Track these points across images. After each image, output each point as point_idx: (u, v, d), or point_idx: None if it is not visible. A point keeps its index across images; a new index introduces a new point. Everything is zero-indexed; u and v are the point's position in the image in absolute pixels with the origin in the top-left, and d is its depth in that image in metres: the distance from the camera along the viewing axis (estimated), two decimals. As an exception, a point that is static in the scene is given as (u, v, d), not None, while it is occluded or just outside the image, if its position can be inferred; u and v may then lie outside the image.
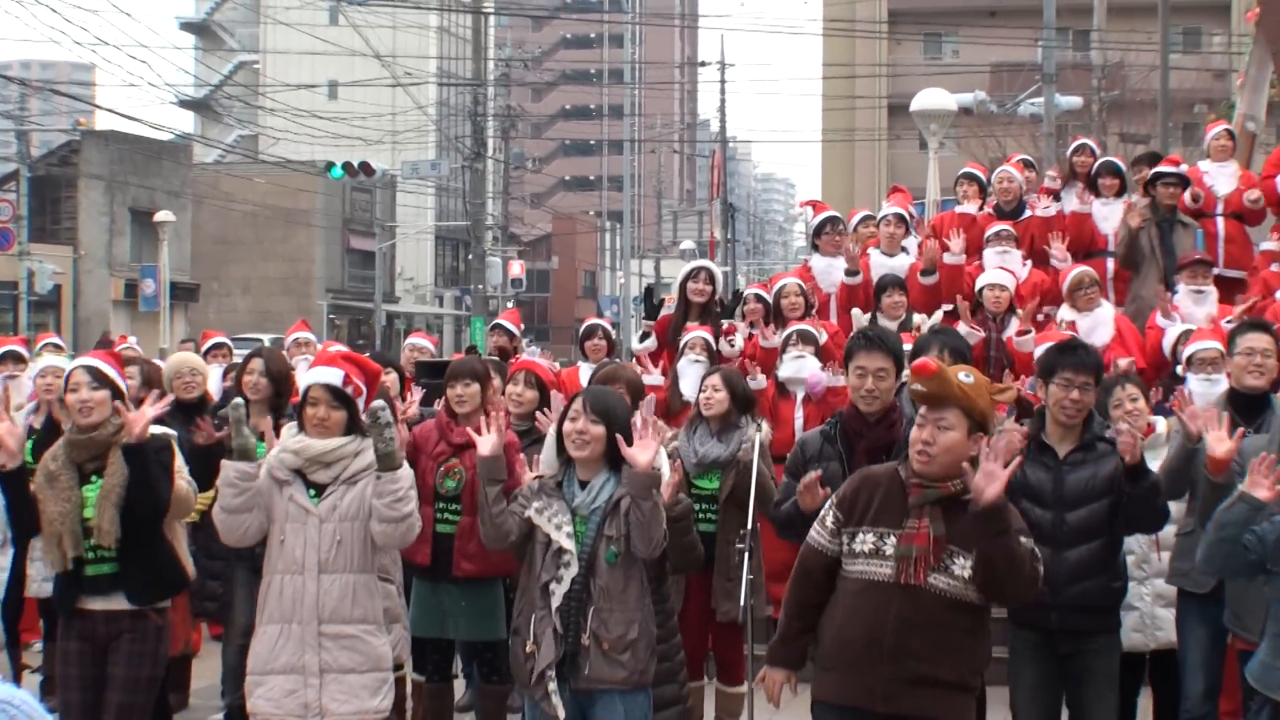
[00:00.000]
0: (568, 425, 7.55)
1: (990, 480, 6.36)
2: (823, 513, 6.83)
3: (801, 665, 6.94)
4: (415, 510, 7.77)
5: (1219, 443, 7.89)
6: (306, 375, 8.08)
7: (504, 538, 7.52)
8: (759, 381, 12.32)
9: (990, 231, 14.47)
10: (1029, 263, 14.39)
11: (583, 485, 7.52)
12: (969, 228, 14.86)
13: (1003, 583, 6.57)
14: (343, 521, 7.65)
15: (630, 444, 7.44)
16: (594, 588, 7.39)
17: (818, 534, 6.78)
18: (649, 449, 7.35)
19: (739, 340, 13.27)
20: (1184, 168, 15.09)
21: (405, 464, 7.87)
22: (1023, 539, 6.52)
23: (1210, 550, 7.16)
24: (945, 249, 14.48)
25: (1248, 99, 17.45)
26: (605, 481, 7.51)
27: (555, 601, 7.38)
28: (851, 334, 9.08)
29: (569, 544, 7.38)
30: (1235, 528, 6.97)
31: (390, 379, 10.80)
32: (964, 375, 6.64)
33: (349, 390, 7.80)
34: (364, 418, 7.72)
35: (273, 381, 10.27)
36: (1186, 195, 14.69)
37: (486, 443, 7.65)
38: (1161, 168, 14.88)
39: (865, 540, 6.59)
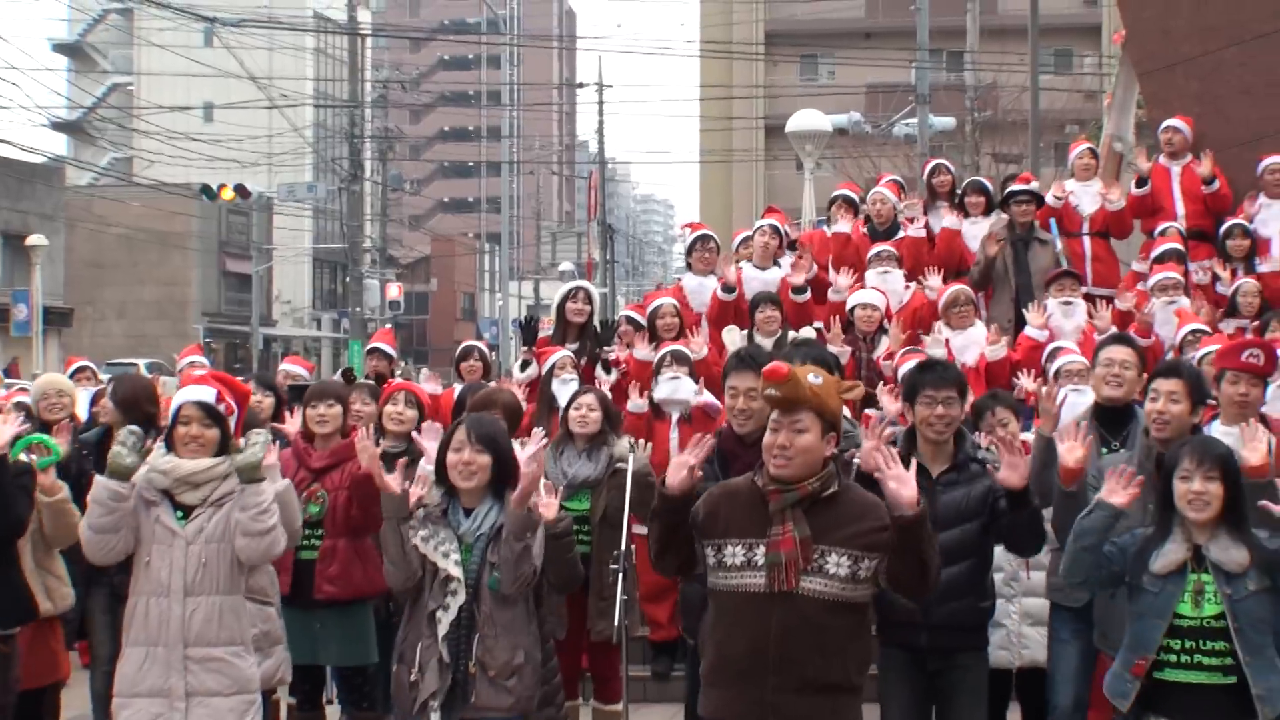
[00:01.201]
0: (453, 456, 7.49)
1: (903, 485, 6.44)
2: None
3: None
4: (279, 524, 7.71)
5: (1070, 452, 7.95)
6: (178, 394, 8.00)
7: (414, 576, 7.47)
8: (640, 404, 12.30)
9: (872, 252, 14.57)
10: (912, 284, 14.48)
11: (467, 513, 7.49)
12: (844, 247, 14.95)
13: (909, 588, 6.67)
14: (209, 544, 7.58)
15: (511, 471, 7.44)
16: (479, 615, 7.35)
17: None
18: (526, 490, 7.34)
19: (614, 373, 13.26)
20: (1035, 185, 15.25)
21: (276, 479, 7.82)
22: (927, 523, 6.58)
23: (1072, 560, 7.24)
24: (816, 266, 14.62)
25: (1115, 120, 17.64)
26: (490, 509, 7.48)
27: (442, 630, 7.34)
28: (730, 356, 9.10)
29: (456, 572, 7.34)
30: (1094, 535, 7.05)
31: (268, 402, 10.73)
32: (813, 377, 6.65)
33: (221, 408, 7.73)
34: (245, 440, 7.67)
35: (120, 407, 10.14)
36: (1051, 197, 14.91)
37: (393, 480, 7.58)
38: (1014, 186, 15.08)
39: (735, 553, 6.57)
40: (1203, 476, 6.93)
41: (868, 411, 9.56)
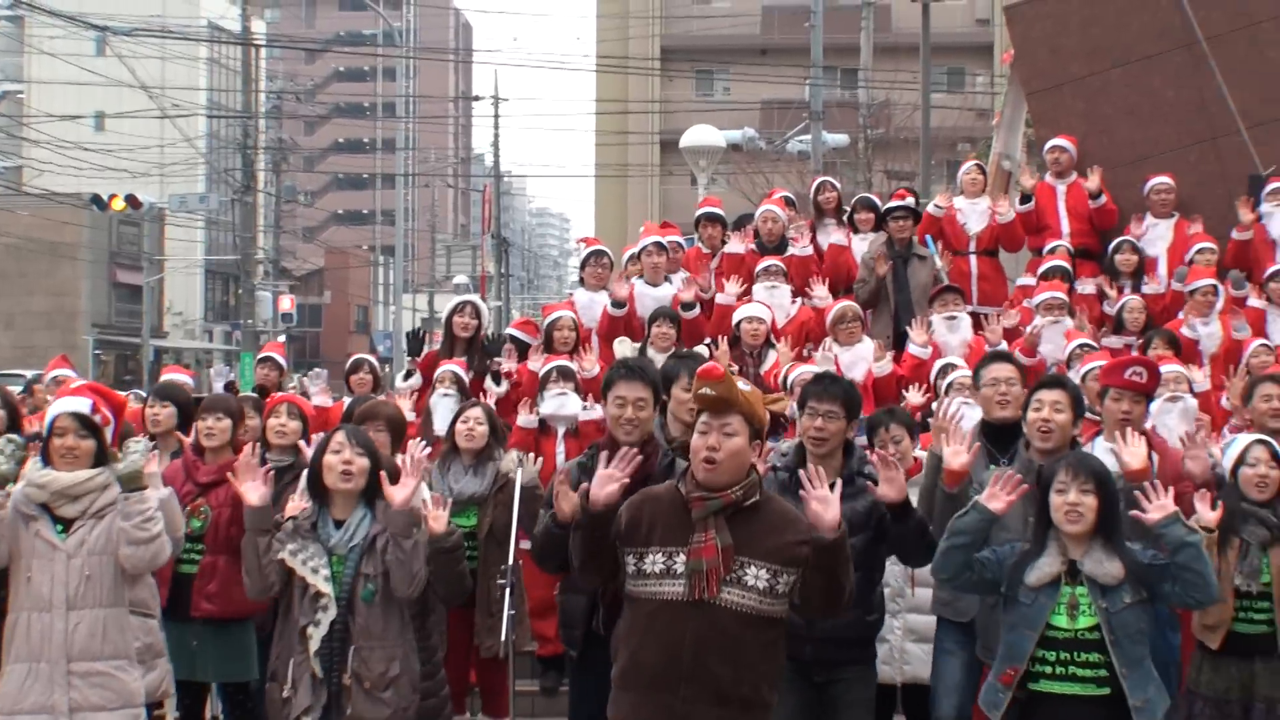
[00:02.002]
0: (331, 457, 7.48)
1: (826, 507, 6.47)
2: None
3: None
4: (164, 531, 7.66)
5: (955, 456, 8.06)
6: (53, 406, 7.94)
7: (270, 588, 7.45)
8: (530, 420, 12.29)
9: (760, 267, 14.59)
10: (799, 299, 14.53)
11: (338, 524, 7.47)
12: (738, 266, 14.99)
13: (819, 608, 6.71)
14: (91, 556, 7.53)
15: (393, 482, 7.42)
16: (354, 627, 7.35)
17: None
18: (408, 486, 7.33)
19: (504, 385, 13.25)
20: (911, 202, 15.37)
21: (158, 486, 7.77)
22: (846, 546, 6.61)
23: (943, 557, 7.35)
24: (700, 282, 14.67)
25: (1004, 138, 17.83)
26: (361, 519, 7.48)
27: (314, 645, 7.33)
28: (612, 365, 9.12)
29: (326, 587, 7.33)
30: (967, 535, 7.14)
31: (165, 413, 10.65)
32: (742, 384, 6.70)
33: (97, 419, 7.67)
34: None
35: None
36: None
37: (254, 492, 7.54)
38: (892, 202, 15.20)
39: (655, 561, 6.58)
40: (1078, 489, 7.04)
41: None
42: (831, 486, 7.98)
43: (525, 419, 12.08)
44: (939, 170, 35.50)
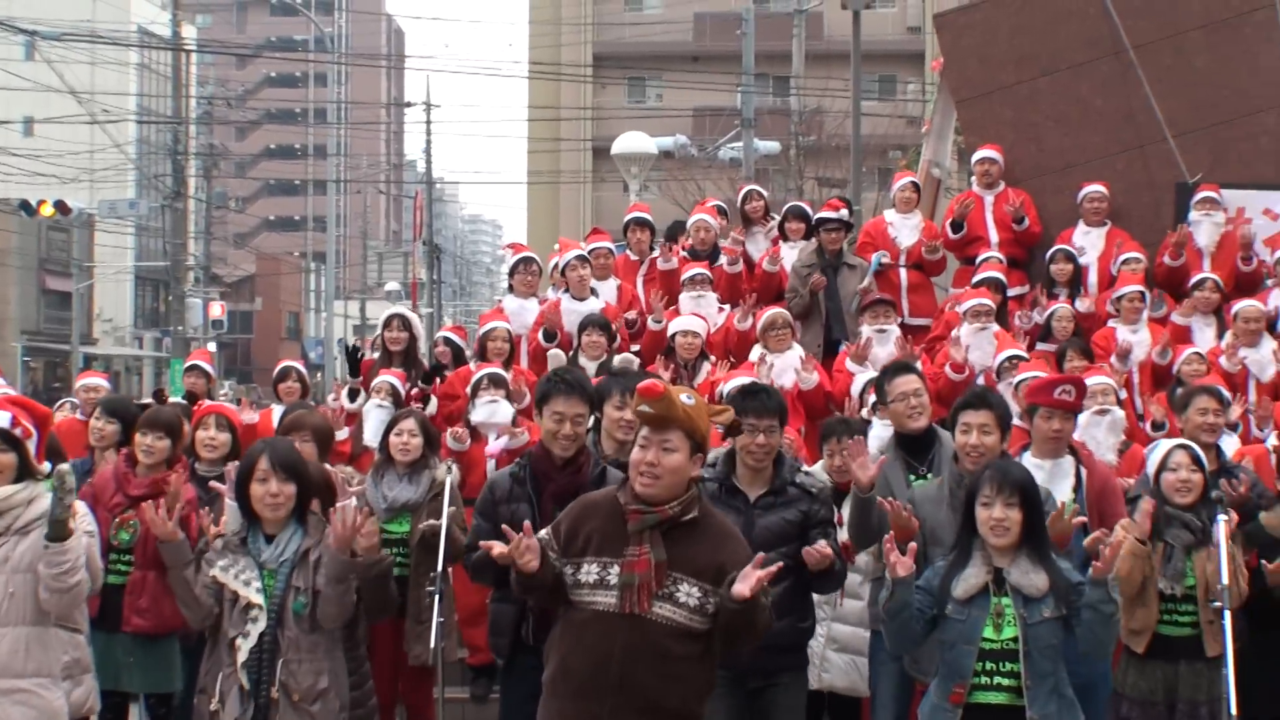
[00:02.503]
0: (258, 488, 7.44)
1: (747, 583, 6.41)
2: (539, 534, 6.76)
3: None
4: (84, 577, 7.59)
5: (862, 469, 8.15)
6: (-31, 422, 7.85)
7: (211, 612, 7.41)
8: (460, 444, 12.22)
9: (685, 276, 14.59)
10: (726, 307, 14.53)
11: (269, 539, 7.44)
12: (668, 279, 14.98)
13: (735, 645, 6.71)
14: (15, 573, 7.46)
15: (314, 496, 7.41)
16: (283, 640, 7.32)
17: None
18: (347, 534, 7.29)
19: (432, 402, 13.22)
20: (844, 213, 15.40)
21: (78, 531, 7.67)
22: (762, 599, 6.58)
23: (893, 639, 7.35)
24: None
25: (933, 146, 17.87)
26: (292, 534, 7.45)
27: (241, 657, 7.29)
28: (544, 377, 9.11)
29: (258, 599, 7.30)
30: (898, 606, 7.12)
31: (110, 429, 10.58)
32: (685, 397, 6.69)
33: (17, 432, 7.59)
34: (52, 480, 7.51)
35: None
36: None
37: (161, 527, 7.48)
38: (824, 213, 15.21)
39: (590, 571, 6.59)
40: (1003, 503, 7.06)
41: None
42: (761, 498, 8.09)
43: (455, 444, 11.95)
44: (870, 178, 35.63)
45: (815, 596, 9.08)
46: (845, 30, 27.96)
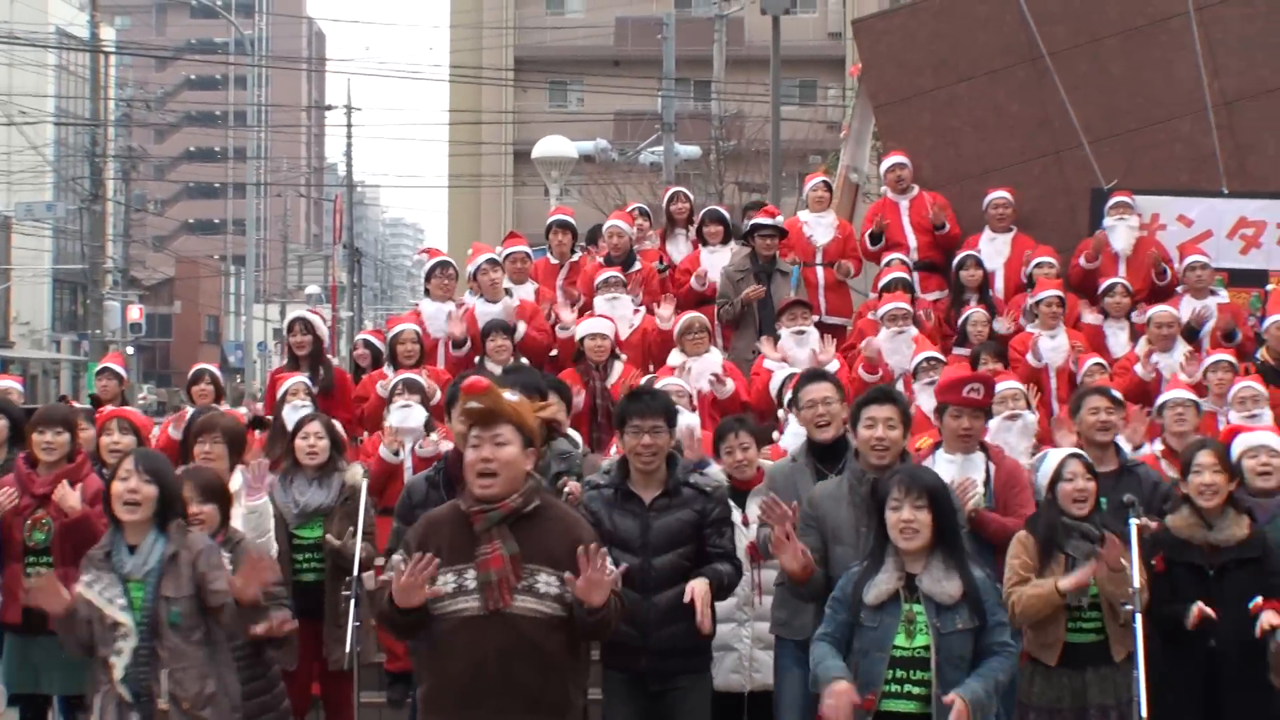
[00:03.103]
0: (117, 485, 7.39)
1: (593, 589, 6.48)
2: (394, 559, 6.81)
3: None
4: None
5: (793, 560, 7.96)
6: None
7: (89, 636, 7.36)
8: (391, 456, 12.13)
9: (600, 279, 14.58)
10: (641, 311, 14.52)
11: (132, 549, 7.39)
12: (589, 282, 14.98)
13: (591, 637, 6.82)
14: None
15: (178, 511, 7.39)
16: (162, 651, 7.28)
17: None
18: (255, 583, 7.27)
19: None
20: (780, 219, 15.45)
21: None
22: (612, 601, 6.65)
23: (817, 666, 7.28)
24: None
25: (851, 151, 17.95)
26: (155, 542, 7.39)
27: (117, 674, 7.26)
28: (453, 382, 9.10)
29: (123, 616, 7.26)
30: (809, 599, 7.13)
31: (1, 424, 10.51)
32: (509, 394, 6.76)
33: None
34: None
35: None
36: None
37: (73, 500, 7.44)
38: (758, 219, 15.22)
39: (446, 581, 6.61)
40: (911, 505, 7.08)
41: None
42: (656, 500, 8.10)
43: (388, 455, 11.83)
44: (790, 183, 35.71)
45: (731, 601, 9.14)
46: (766, 35, 28.04)
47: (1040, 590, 8.30)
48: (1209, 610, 8.43)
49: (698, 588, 7.98)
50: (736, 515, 9.09)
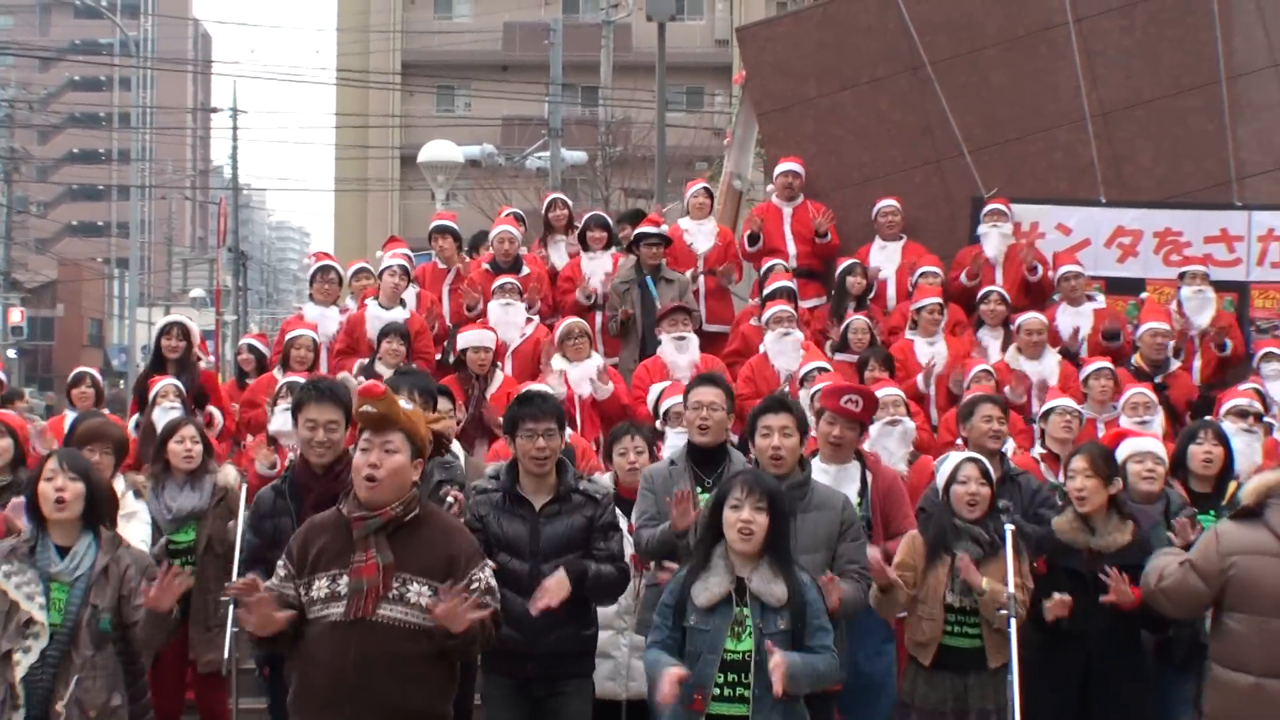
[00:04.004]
0: (45, 485, 7.36)
1: (452, 619, 6.49)
2: (276, 566, 6.82)
3: None
4: None
5: (683, 516, 8.11)
6: None
7: None
8: (269, 469, 12.06)
9: (495, 285, 14.57)
10: (534, 320, 14.52)
11: (61, 551, 7.34)
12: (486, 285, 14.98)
13: (459, 655, 6.81)
14: None
15: (105, 512, 7.35)
16: (78, 657, 7.24)
17: (273, 581, 6.78)
18: (170, 596, 7.22)
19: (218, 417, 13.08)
20: (665, 227, 15.51)
21: None
22: (488, 599, 6.68)
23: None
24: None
25: (735, 158, 18.04)
26: (88, 546, 7.37)
27: (20, 672, 7.20)
28: (302, 386, 9.08)
29: (40, 615, 7.21)
30: (660, 546, 7.15)
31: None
32: (404, 402, 6.81)
33: None
34: None
35: None
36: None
37: None
38: (644, 228, 15.27)
39: (321, 586, 6.62)
40: (752, 506, 7.13)
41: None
42: (546, 506, 8.10)
43: (264, 469, 11.73)
44: (676, 189, 35.78)
45: (616, 607, 9.17)
46: (653, 42, 28.10)
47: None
48: (1065, 598, 8.54)
49: (550, 578, 7.98)
50: (624, 522, 9.14)
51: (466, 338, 13.44)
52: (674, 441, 10.60)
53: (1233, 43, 15.91)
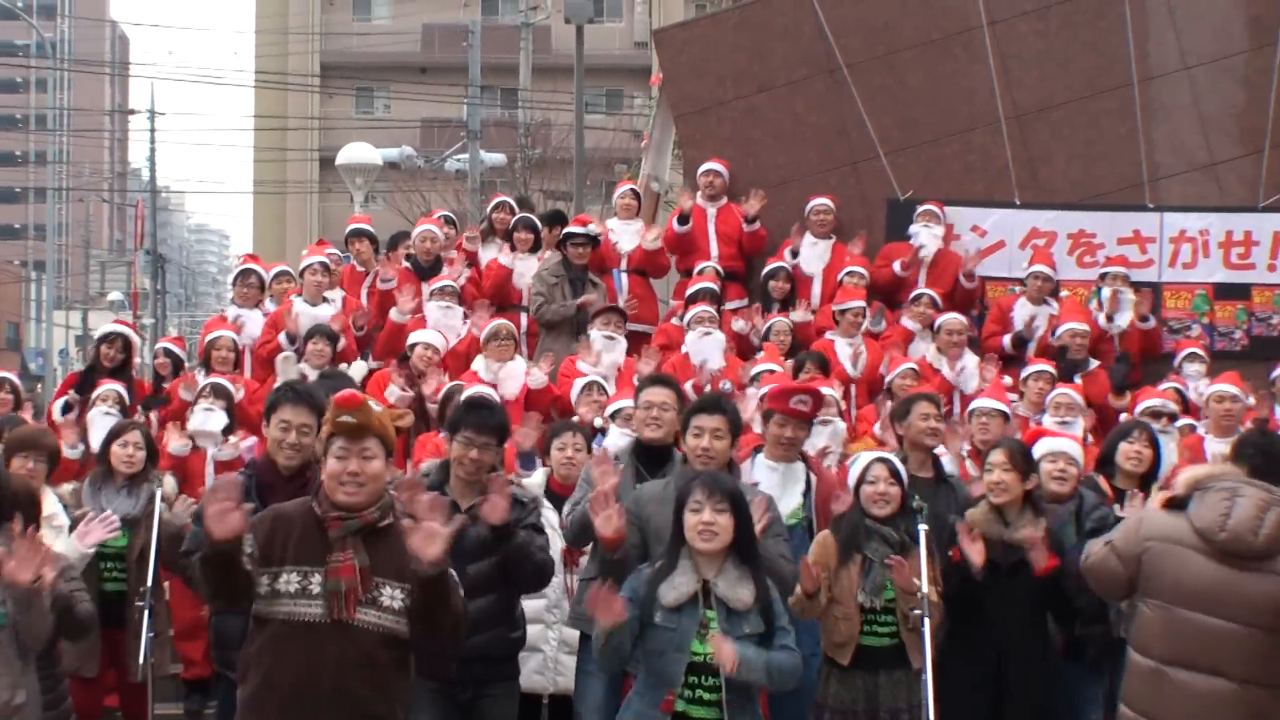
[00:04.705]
0: None
1: (429, 541, 6.44)
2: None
3: None
4: None
5: (607, 523, 8.07)
6: None
7: None
8: (181, 447, 12.07)
9: (435, 286, 14.60)
10: (469, 321, 14.52)
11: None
12: (386, 298, 14.97)
13: (427, 632, 6.71)
14: None
15: (12, 507, 7.32)
16: (-30, 651, 7.20)
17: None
18: (28, 566, 7.16)
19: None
20: (593, 227, 15.57)
21: None
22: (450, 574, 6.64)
23: (604, 663, 7.34)
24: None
25: (652, 160, 18.06)
26: None
27: None
28: (274, 389, 9.09)
29: None
30: (614, 648, 7.13)
31: None
32: (373, 404, 6.80)
33: None
34: None
35: None
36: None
37: None
38: (572, 228, 15.34)
39: (290, 580, 6.54)
40: (712, 508, 7.13)
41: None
42: (473, 508, 8.11)
43: (176, 446, 11.82)
44: (594, 191, 35.87)
45: (545, 601, 9.21)
46: (572, 44, 28.12)
47: None
48: (979, 544, 8.69)
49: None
50: (555, 518, 9.22)
51: (420, 334, 13.57)
52: (615, 440, 10.65)
53: (1145, 46, 16.07)
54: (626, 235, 15.82)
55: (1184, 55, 16.06)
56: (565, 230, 15.52)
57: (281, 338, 13.97)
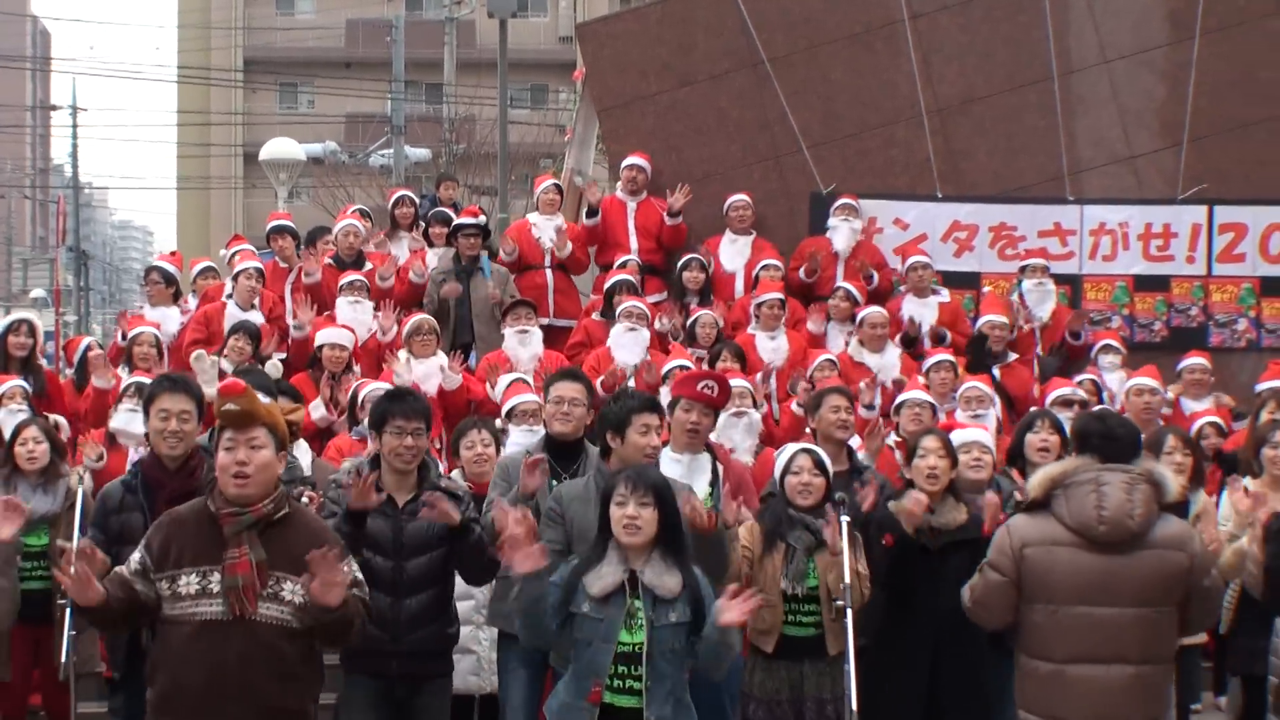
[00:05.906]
0: None
1: (327, 590, 6.43)
2: (131, 557, 6.71)
3: None
4: None
5: (532, 477, 8.16)
6: None
7: None
8: (96, 462, 11.92)
9: (344, 281, 14.51)
10: (380, 315, 14.45)
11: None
12: (314, 290, 14.91)
13: (334, 643, 6.78)
14: None
15: None
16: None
17: (121, 568, 6.70)
18: None
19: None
20: (484, 219, 15.57)
21: None
22: (356, 591, 6.65)
23: (526, 633, 7.32)
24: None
25: (575, 154, 18.07)
26: None
27: None
28: (156, 379, 9.04)
29: None
30: (530, 601, 7.10)
31: None
32: (263, 396, 6.76)
33: None
34: None
35: None
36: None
37: None
38: (462, 219, 15.36)
39: (190, 582, 6.54)
40: (636, 502, 7.13)
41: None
42: (408, 504, 8.11)
43: (91, 460, 11.62)
44: (519, 185, 35.83)
45: (469, 604, 9.21)
46: (496, 39, 28.12)
47: None
48: (921, 497, 8.82)
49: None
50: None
51: (325, 335, 13.44)
52: (517, 439, 10.63)
53: (1065, 40, 16.21)
54: (549, 230, 15.79)
55: (1103, 49, 16.21)
56: (456, 222, 15.53)
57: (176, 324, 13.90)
